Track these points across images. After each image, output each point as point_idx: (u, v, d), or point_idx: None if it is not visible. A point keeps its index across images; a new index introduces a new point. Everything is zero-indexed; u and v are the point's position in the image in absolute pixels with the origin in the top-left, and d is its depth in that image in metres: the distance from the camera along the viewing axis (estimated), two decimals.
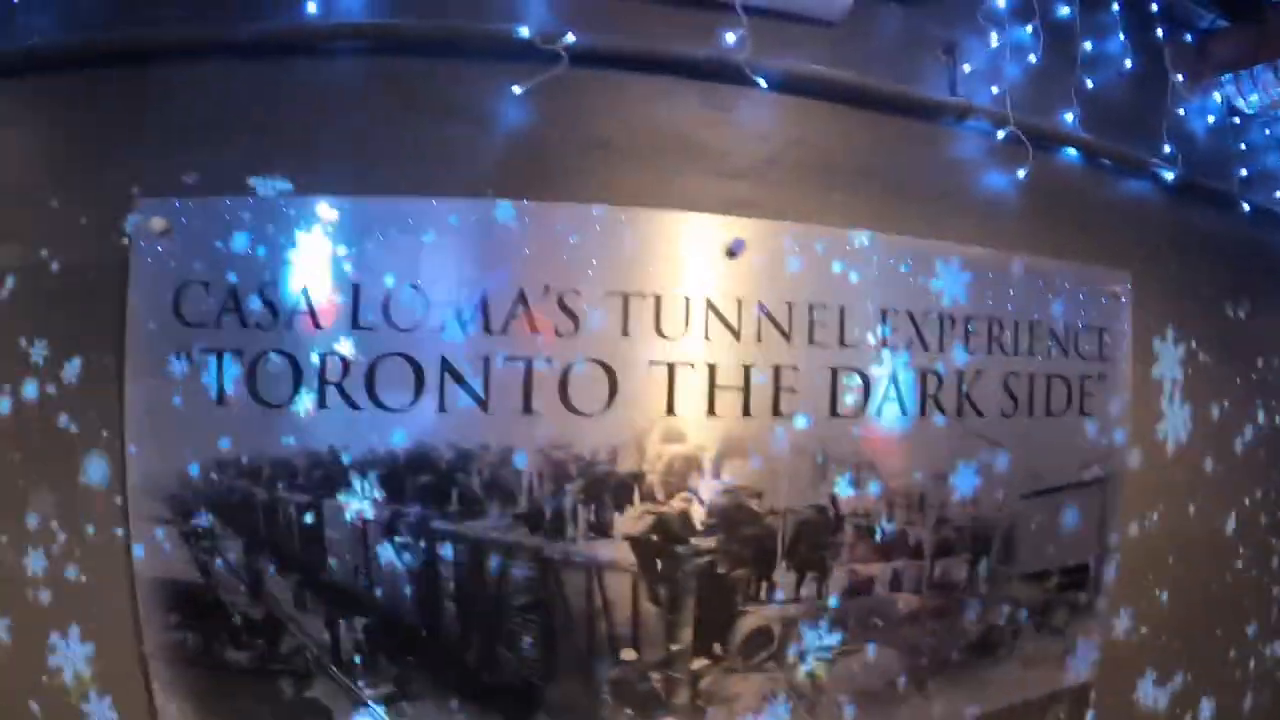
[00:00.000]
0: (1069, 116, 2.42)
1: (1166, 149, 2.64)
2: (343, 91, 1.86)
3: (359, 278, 1.79)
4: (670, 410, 1.89)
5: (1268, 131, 3.17)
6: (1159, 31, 2.67)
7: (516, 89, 1.82)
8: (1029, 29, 2.30)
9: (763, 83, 1.95)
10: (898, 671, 2.20)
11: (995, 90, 2.25)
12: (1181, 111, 2.72)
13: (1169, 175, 2.64)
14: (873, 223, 2.07)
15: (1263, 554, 3.19)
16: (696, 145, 1.97)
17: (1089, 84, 2.45)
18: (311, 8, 1.83)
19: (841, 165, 2.08)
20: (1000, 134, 2.23)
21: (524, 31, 1.80)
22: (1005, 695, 2.43)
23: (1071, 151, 2.44)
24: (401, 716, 1.85)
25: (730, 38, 1.93)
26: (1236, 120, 2.98)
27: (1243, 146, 2.99)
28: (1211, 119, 2.90)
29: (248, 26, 1.84)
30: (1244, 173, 2.96)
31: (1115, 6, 2.56)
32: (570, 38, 1.80)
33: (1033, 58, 2.34)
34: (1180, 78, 2.73)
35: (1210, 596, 2.99)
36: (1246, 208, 2.94)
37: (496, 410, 1.82)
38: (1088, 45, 2.46)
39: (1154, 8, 2.66)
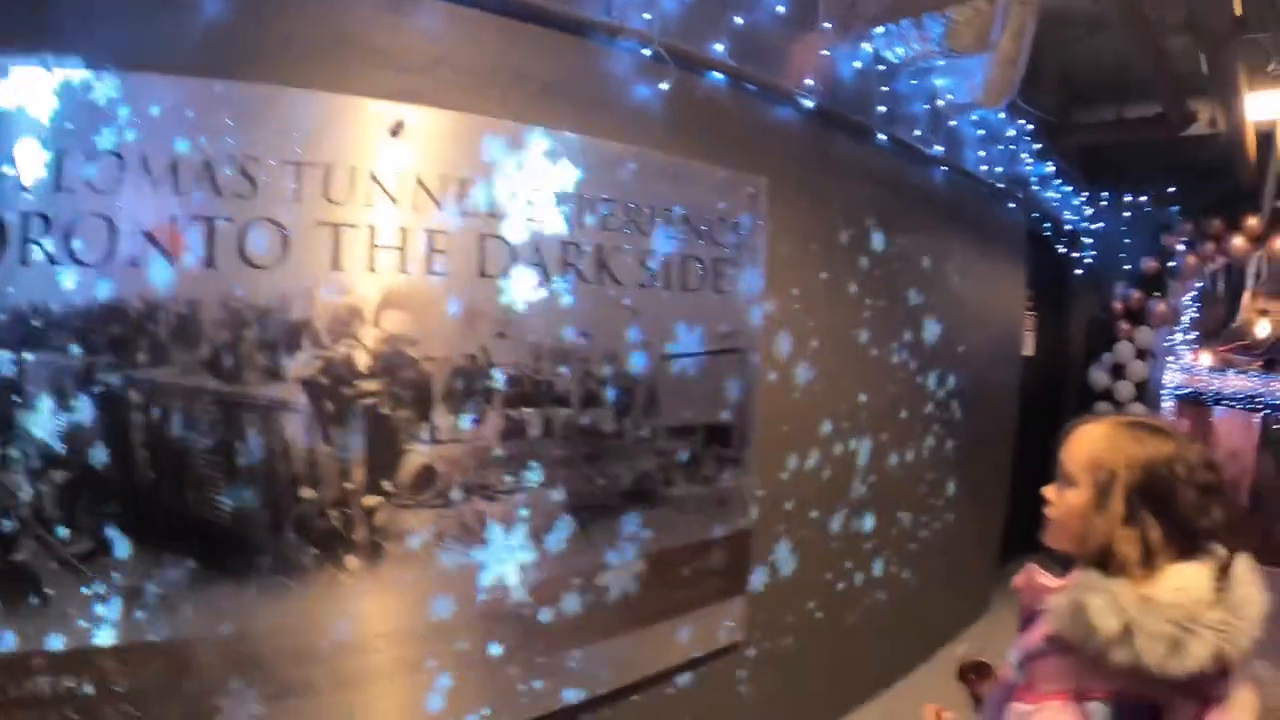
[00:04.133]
0: (719, 46, 2.88)
1: (809, 82, 3.18)
2: None
3: (63, 144, 1.86)
4: (336, 266, 2.16)
5: (913, 82, 3.81)
6: None
7: None
8: None
9: None
10: (559, 511, 2.58)
11: (647, 17, 2.66)
12: (825, 52, 3.25)
13: (808, 104, 3.17)
14: (525, 116, 2.43)
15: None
16: (374, 43, 2.24)
17: (739, 21, 2.91)
18: None
19: (502, 68, 2.42)
20: (645, 52, 2.64)
21: None
22: (665, 539, 2.88)
23: (718, 75, 2.90)
24: (103, 571, 1.91)
25: None
26: (882, 68, 3.58)
27: (885, 89, 3.60)
28: (858, 64, 3.48)
29: None
30: (883, 109, 3.56)
31: None
32: None
33: None
34: (828, 25, 3.26)
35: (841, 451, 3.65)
36: (883, 138, 3.56)
37: (182, 264, 1.98)
38: None
39: None
